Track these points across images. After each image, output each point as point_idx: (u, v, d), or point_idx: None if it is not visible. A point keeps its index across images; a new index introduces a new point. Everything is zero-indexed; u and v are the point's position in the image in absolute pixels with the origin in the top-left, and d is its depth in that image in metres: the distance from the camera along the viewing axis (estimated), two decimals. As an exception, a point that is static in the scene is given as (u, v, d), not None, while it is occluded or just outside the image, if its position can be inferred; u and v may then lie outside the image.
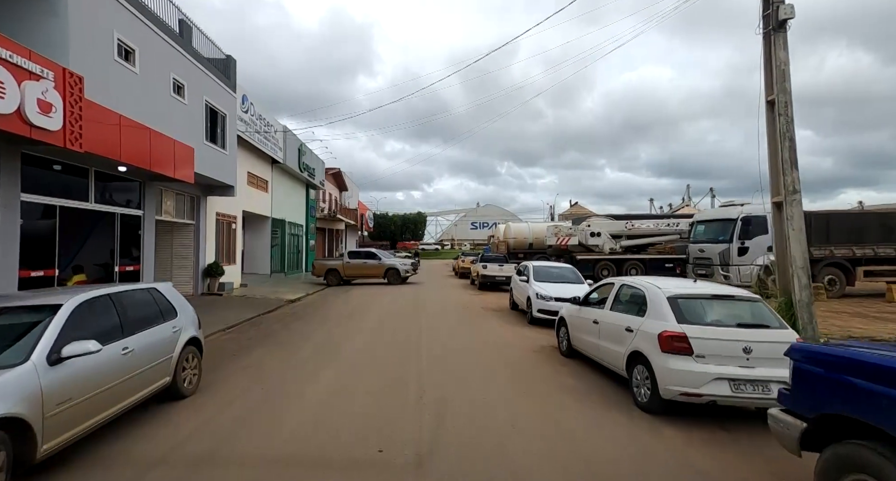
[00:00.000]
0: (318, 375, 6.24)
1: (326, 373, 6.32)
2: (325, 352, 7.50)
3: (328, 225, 35.49)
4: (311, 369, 6.55)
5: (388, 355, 7.31)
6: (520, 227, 28.12)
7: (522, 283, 11.13)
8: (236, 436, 4.19)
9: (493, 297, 16.16)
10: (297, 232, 26.84)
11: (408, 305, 13.62)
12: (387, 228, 71.44)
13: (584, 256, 20.62)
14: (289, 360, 6.99)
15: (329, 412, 4.83)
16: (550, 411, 4.90)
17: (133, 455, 3.81)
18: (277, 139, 20.95)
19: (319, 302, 14.77)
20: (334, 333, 9.11)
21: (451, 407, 4.92)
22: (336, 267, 20.60)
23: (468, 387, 5.67)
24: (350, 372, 6.37)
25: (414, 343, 8.23)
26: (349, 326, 10.05)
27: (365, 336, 8.89)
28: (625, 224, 21.45)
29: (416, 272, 21.73)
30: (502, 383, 5.90)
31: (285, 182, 24.17)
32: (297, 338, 8.73)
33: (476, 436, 4.18)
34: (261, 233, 21.63)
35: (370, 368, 6.57)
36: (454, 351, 7.63)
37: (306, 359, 7.11)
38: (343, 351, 7.63)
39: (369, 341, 8.43)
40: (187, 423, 4.48)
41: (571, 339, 6.96)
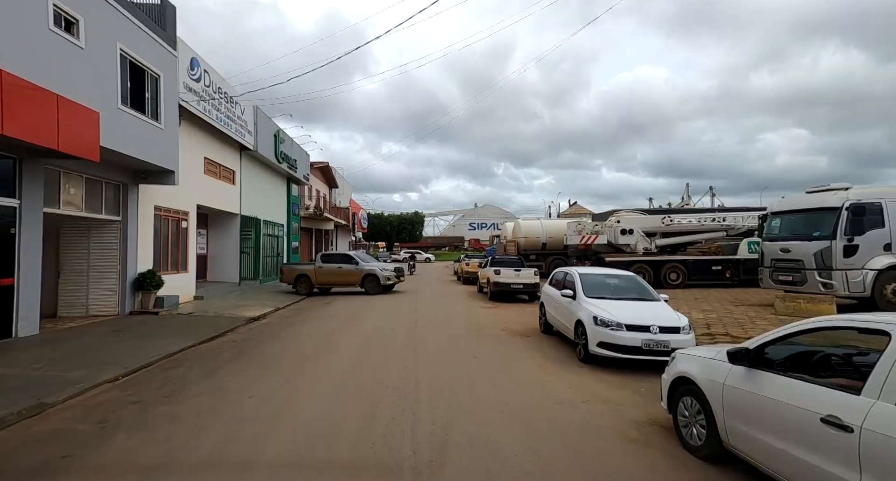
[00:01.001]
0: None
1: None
2: (241, 448, 4.05)
3: (315, 224, 32.04)
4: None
5: (356, 463, 3.87)
6: (531, 225, 24.75)
7: (565, 300, 7.72)
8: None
9: (512, 312, 12.75)
10: (275, 232, 23.37)
11: (401, 328, 10.18)
12: (382, 229, 68.02)
13: (613, 258, 17.25)
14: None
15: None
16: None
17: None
18: (246, 121, 17.49)
19: (285, 321, 11.32)
20: (278, 395, 5.57)
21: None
22: (307, 272, 17.21)
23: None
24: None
25: (406, 422, 4.55)
26: (309, 373, 6.57)
27: (324, 402, 5.29)
28: (661, 219, 18.08)
29: (401, 279, 18.28)
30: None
31: (259, 174, 20.72)
32: (212, 404, 5.26)
33: None
34: (227, 233, 18.16)
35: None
36: (479, 439, 4.20)
37: (201, 464, 3.67)
38: (275, 444, 4.18)
39: (329, 416, 4.86)
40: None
41: (732, 437, 3.39)
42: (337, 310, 13.10)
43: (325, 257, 17.84)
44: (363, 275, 17.03)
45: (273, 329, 10.22)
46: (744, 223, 17.69)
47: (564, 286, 8.17)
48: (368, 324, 10.58)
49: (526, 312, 12.69)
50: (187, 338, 8.70)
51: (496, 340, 8.70)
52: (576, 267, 8.69)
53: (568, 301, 7.63)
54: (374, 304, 14.40)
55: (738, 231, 18.09)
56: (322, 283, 17.32)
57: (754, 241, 16.88)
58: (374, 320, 11.23)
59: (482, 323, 10.79)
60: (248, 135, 17.68)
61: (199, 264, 17.46)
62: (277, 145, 21.32)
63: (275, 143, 21.14)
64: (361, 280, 17.02)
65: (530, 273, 15.01)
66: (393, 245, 71.23)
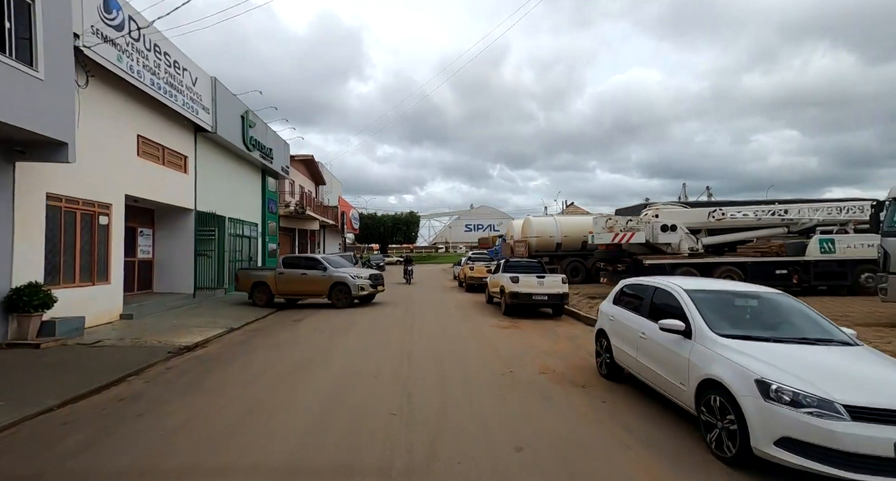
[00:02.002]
0: None
1: None
2: None
3: (298, 224, 28.69)
4: None
5: None
6: (544, 223, 21.54)
7: (666, 337, 4.47)
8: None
9: (541, 335, 9.50)
10: (247, 232, 20.01)
11: (386, 370, 6.85)
12: (375, 230, 64.69)
13: (654, 260, 14.06)
14: None
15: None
16: None
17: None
18: (199, 94, 14.16)
19: (226, 354, 7.98)
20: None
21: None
22: (265, 279, 13.99)
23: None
24: None
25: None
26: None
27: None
28: (708, 213, 14.91)
29: (379, 288, 14.97)
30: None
31: (223, 162, 17.37)
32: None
33: None
34: (179, 233, 14.80)
35: None
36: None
37: None
38: None
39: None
40: None
41: None
42: (304, 334, 9.78)
43: (287, 261, 14.56)
44: (331, 283, 13.76)
45: (202, 368, 6.90)
46: (812, 216, 14.55)
47: (655, 310, 4.94)
48: (340, 362, 7.25)
49: (559, 335, 9.44)
50: (50, 393, 5.39)
51: (539, 397, 5.42)
52: (676, 278, 5.41)
53: (674, 341, 4.38)
54: (354, 324, 11.10)
55: (801, 227, 14.97)
56: (284, 293, 14.10)
57: (828, 239, 13.75)
58: (350, 352, 7.92)
59: (506, 356, 7.51)
60: (202, 113, 14.35)
61: (142, 272, 14.09)
62: (246, 129, 17.98)
63: (242, 127, 17.80)
64: (329, 289, 13.76)
65: (557, 281, 11.77)
66: (387, 247, 67.90)
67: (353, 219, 44.24)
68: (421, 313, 12.92)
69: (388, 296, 17.58)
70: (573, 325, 10.89)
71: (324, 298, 14.09)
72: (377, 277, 14.81)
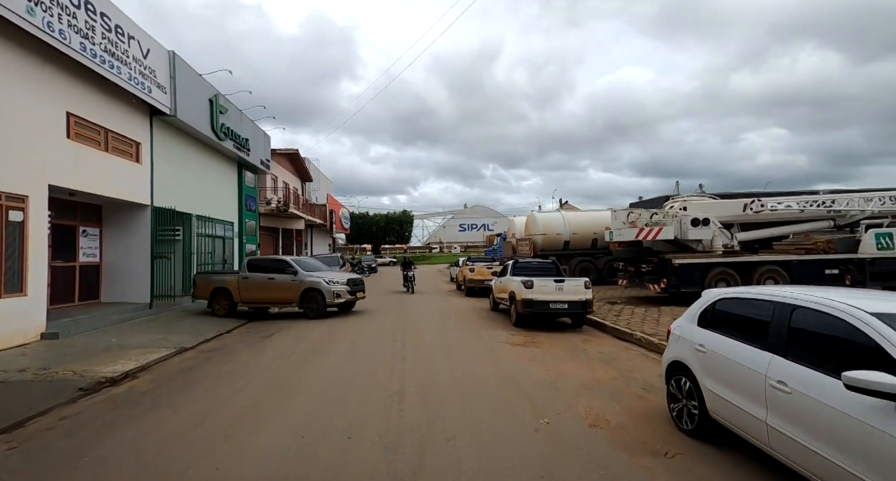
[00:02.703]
0: None
1: None
2: None
3: (282, 223, 26.55)
4: None
5: None
6: (551, 219, 19.61)
7: (862, 412, 2.51)
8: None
9: (569, 357, 7.51)
10: (221, 232, 17.88)
11: (368, 436, 4.85)
12: (367, 230, 62.56)
13: (685, 260, 12.16)
14: None
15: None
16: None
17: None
18: (153, 70, 12.05)
19: (160, 390, 5.90)
20: None
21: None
22: (227, 285, 12.01)
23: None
24: None
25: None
26: None
27: None
28: (745, 204, 13.04)
29: (359, 295, 12.92)
30: None
31: (189, 152, 15.26)
32: None
33: None
34: (133, 232, 12.68)
35: None
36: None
37: None
38: None
39: None
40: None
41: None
42: (268, 357, 7.72)
43: (252, 263, 12.53)
44: (302, 289, 11.75)
45: (107, 420, 4.84)
46: (864, 207, 12.72)
47: (799, 344, 3.01)
48: (303, 408, 5.20)
49: (591, 355, 7.47)
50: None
51: (606, 479, 3.44)
52: (822, 291, 3.41)
53: (878, 411, 2.42)
54: (334, 341, 9.06)
55: (849, 220, 13.14)
56: (248, 300, 12.13)
57: (885, 233, 11.93)
58: (320, 390, 5.88)
59: (533, 393, 5.50)
60: (157, 92, 12.23)
61: (85, 279, 11.96)
62: (215, 115, 15.87)
63: (211, 112, 15.69)
64: (300, 296, 11.76)
65: (579, 285, 9.82)
66: (380, 247, 65.80)
67: (343, 218, 42.11)
68: (415, 325, 10.91)
69: (378, 303, 15.55)
70: (601, 340, 8.95)
71: (294, 306, 12.08)
72: (357, 283, 12.79)
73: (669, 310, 11.36)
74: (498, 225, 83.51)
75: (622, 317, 10.64)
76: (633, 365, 6.86)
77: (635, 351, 7.87)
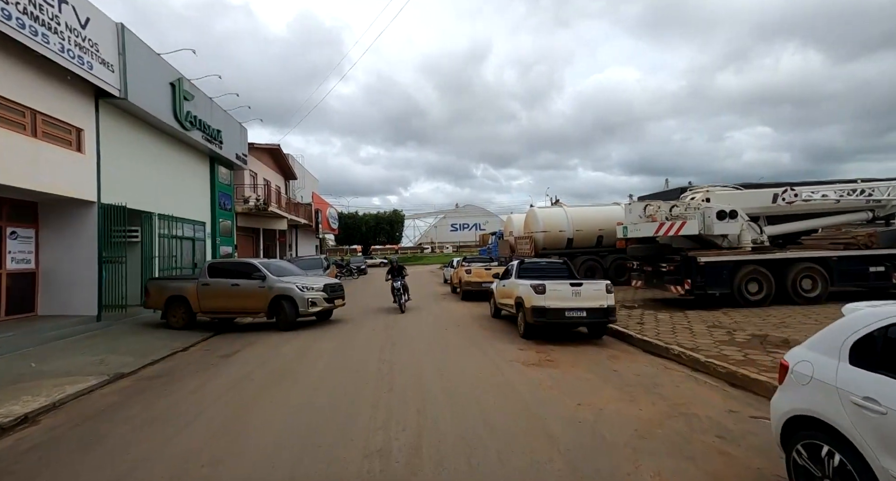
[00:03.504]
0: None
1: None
2: None
3: (263, 223, 24.79)
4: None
5: None
6: (552, 215, 18.14)
7: None
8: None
9: (600, 382, 5.95)
10: (190, 233, 16.15)
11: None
12: (357, 230, 60.77)
13: (713, 258, 10.72)
14: None
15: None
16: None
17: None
18: (94, 42, 10.32)
19: (43, 453, 4.24)
20: None
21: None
22: (184, 292, 10.39)
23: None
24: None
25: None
26: None
27: None
28: (774, 195, 11.64)
29: (336, 303, 11.22)
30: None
31: (149, 143, 13.51)
32: None
33: None
34: (77, 234, 10.95)
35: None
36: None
37: None
38: None
39: None
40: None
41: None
42: (219, 388, 6.07)
43: (214, 267, 10.89)
44: (272, 297, 10.12)
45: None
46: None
47: None
48: (248, 472, 3.62)
49: (627, 380, 5.93)
50: None
51: None
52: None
53: None
54: (304, 363, 7.43)
55: (889, 211, 11.81)
56: (210, 310, 10.51)
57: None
58: (281, 434, 4.27)
59: (567, 443, 3.95)
60: (101, 69, 10.50)
61: (17, 288, 10.21)
62: (179, 101, 14.12)
63: (174, 98, 13.95)
64: (269, 304, 10.14)
65: (599, 289, 8.30)
66: (370, 248, 64.07)
67: (330, 218, 40.32)
68: (406, 339, 9.31)
69: (364, 308, 13.91)
70: (630, 356, 7.44)
71: (262, 316, 10.45)
72: (335, 288, 11.15)
73: (698, 316, 9.91)
74: (490, 224, 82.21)
75: (647, 326, 9.16)
76: (684, 394, 5.34)
77: (678, 371, 6.36)
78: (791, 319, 9.11)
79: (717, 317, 9.73)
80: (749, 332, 8.00)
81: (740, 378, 5.57)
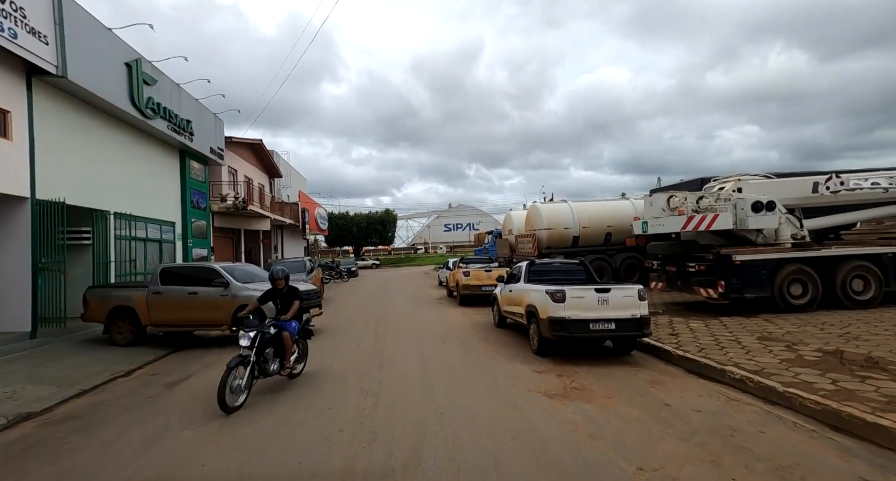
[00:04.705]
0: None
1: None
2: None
3: (245, 224, 23.09)
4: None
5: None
6: (557, 210, 16.68)
7: None
8: None
9: (651, 419, 4.45)
10: (155, 234, 14.50)
11: None
12: (348, 231, 59.06)
13: (750, 256, 9.28)
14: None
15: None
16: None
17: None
18: (22, 7, 8.67)
19: None
20: None
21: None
22: (130, 303, 8.82)
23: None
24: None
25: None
26: None
27: None
28: (815, 184, 10.26)
29: (312, 312, 9.52)
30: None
31: (101, 131, 11.85)
32: None
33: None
34: (9, 236, 9.29)
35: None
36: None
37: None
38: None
39: None
40: None
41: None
42: (153, 432, 4.46)
43: (168, 273, 9.29)
44: (236, 306, 8.53)
45: None
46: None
47: None
48: None
49: (689, 422, 4.37)
50: None
51: None
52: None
53: None
54: (267, 394, 5.84)
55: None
56: (162, 323, 8.95)
57: None
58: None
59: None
60: (29, 40, 8.85)
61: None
62: (137, 85, 12.46)
63: (130, 80, 12.28)
64: (232, 316, 8.55)
65: (630, 296, 6.81)
66: (361, 249, 62.35)
67: (319, 218, 38.60)
68: (395, 357, 7.77)
69: (350, 315, 12.33)
70: (675, 379, 5.95)
71: (225, 329, 8.86)
72: (311, 295, 9.58)
73: (738, 324, 8.47)
74: (483, 224, 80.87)
75: (682, 337, 7.69)
76: (781, 447, 3.84)
77: (749, 405, 4.87)
78: (853, 328, 7.68)
79: (762, 325, 8.28)
80: (815, 347, 6.55)
81: (847, 420, 4.09)
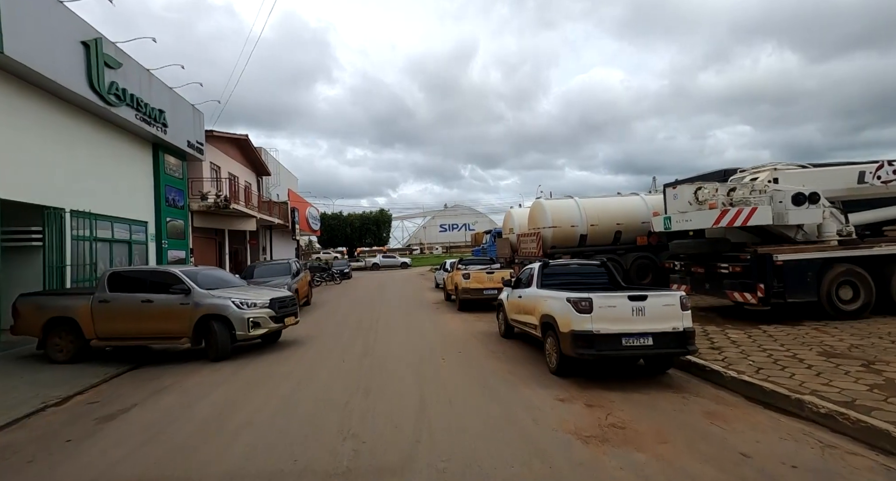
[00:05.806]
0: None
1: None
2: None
3: (229, 224, 21.71)
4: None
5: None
6: (562, 208, 15.48)
7: None
8: None
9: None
10: (123, 234, 13.17)
11: None
12: (341, 231, 57.66)
13: (793, 255, 8.06)
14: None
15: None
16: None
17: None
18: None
19: None
20: None
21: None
22: (71, 313, 7.54)
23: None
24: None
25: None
26: None
27: None
28: (860, 172, 9.11)
29: (286, 323, 8.27)
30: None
31: (54, 118, 10.52)
32: None
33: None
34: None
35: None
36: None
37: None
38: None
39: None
40: None
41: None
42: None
43: (117, 278, 7.98)
44: (198, 316, 7.23)
45: None
46: None
47: None
48: None
49: None
50: None
51: None
52: None
53: None
54: (226, 429, 4.55)
55: None
56: (109, 335, 7.68)
57: None
58: None
59: None
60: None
61: None
62: (97, 67, 11.13)
63: (88, 61, 10.95)
64: (194, 327, 7.26)
65: (672, 304, 5.60)
66: (355, 250, 60.98)
67: (310, 218, 37.22)
68: (385, 379, 6.51)
69: (337, 323, 11.05)
70: (736, 410, 4.74)
71: (185, 342, 7.57)
72: (285, 303, 8.28)
73: (785, 334, 7.29)
74: (479, 224, 79.87)
75: (726, 351, 6.49)
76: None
77: (860, 456, 3.64)
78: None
79: (815, 336, 7.10)
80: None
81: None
